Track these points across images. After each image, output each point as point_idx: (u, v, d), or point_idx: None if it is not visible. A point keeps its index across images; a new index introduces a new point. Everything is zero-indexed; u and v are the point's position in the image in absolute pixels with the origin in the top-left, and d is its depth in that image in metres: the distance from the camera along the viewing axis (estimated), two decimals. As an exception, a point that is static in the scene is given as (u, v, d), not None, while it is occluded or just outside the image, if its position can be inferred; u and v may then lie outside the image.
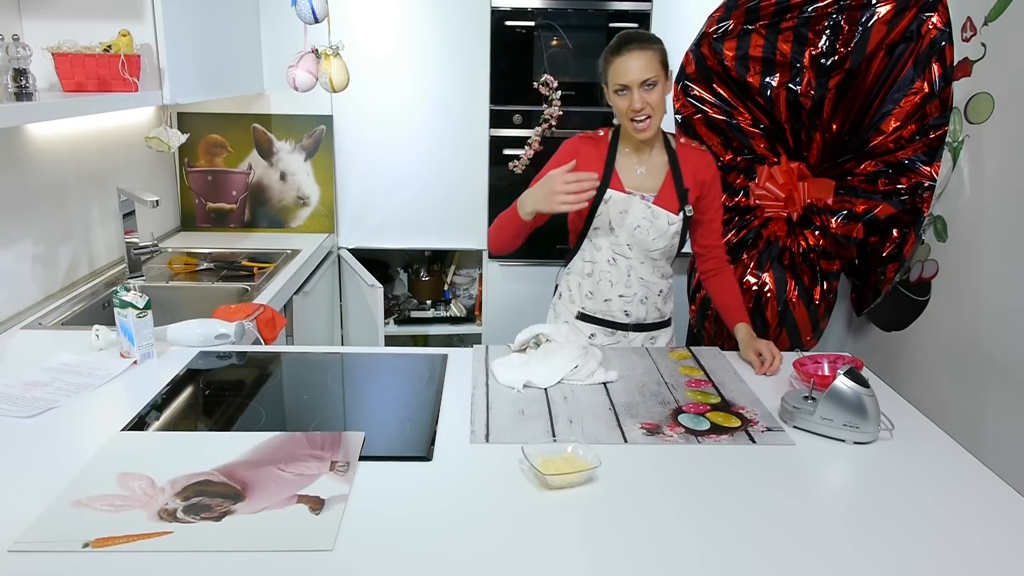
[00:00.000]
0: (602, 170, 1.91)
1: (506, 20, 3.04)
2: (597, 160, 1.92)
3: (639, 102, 1.79)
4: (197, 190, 3.13)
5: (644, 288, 1.98)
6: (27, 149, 2.08)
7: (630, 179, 1.93)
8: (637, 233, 1.91)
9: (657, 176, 1.93)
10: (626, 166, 1.93)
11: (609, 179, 1.91)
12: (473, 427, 1.45)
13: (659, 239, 1.92)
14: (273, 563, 1.05)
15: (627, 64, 1.77)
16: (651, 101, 1.79)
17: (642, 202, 1.91)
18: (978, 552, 1.12)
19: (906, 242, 2.64)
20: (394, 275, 3.64)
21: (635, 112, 1.80)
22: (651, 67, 1.78)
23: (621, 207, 1.91)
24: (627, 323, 2.01)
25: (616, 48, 1.80)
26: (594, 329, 2.03)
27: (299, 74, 2.21)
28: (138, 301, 1.68)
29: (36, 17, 2.11)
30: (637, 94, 1.78)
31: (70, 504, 1.17)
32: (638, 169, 1.93)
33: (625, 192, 1.91)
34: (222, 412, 1.51)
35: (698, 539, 1.13)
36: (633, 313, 2.00)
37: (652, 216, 1.90)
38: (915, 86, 2.48)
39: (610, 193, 1.91)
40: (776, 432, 1.46)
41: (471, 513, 1.18)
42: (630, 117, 1.82)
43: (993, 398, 2.36)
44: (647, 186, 1.93)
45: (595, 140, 1.96)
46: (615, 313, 2.00)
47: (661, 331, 2.06)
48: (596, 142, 1.95)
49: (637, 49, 1.77)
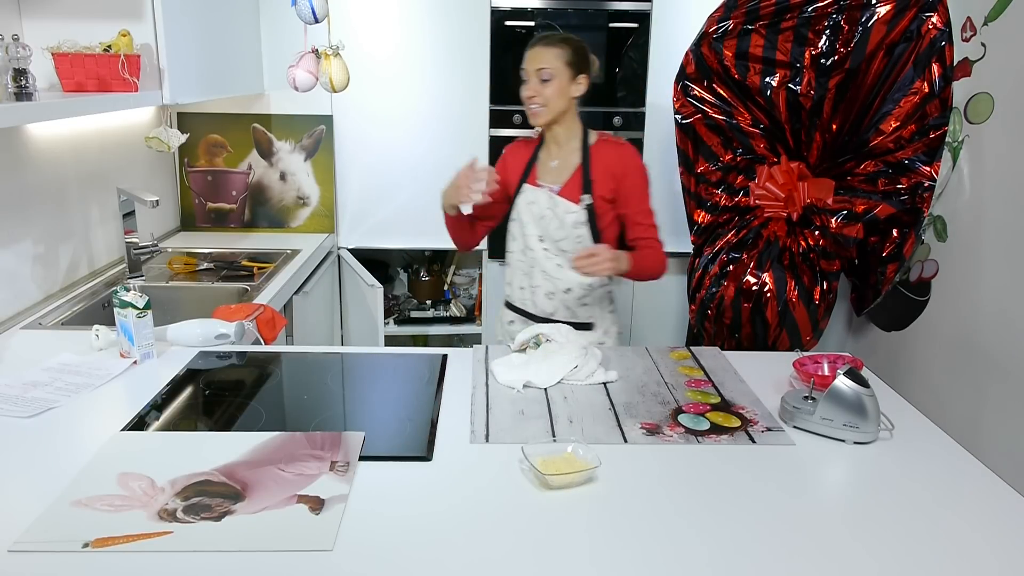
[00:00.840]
0: (524, 166, 2.06)
1: (506, 20, 3.04)
2: (522, 158, 2.08)
3: (531, 90, 1.93)
4: (197, 190, 3.13)
5: (549, 282, 2.02)
6: (27, 149, 2.08)
7: (544, 173, 2.05)
8: (543, 223, 2.01)
9: (567, 170, 2.02)
10: (543, 161, 2.06)
11: (527, 173, 2.05)
12: (473, 427, 1.45)
13: (561, 229, 1.99)
14: (273, 563, 1.05)
15: (530, 54, 1.94)
16: (544, 92, 1.92)
17: (547, 193, 2.01)
18: (978, 551, 1.12)
19: (906, 242, 2.63)
20: (394, 275, 3.64)
21: (527, 98, 1.95)
22: (548, 60, 1.91)
23: (530, 198, 2.03)
24: (535, 314, 2.07)
25: (531, 42, 1.97)
26: (513, 316, 2.14)
27: (299, 74, 2.21)
28: (138, 301, 1.68)
29: (36, 17, 2.11)
30: (532, 82, 1.93)
31: (70, 504, 1.17)
32: (552, 163, 2.04)
33: (536, 185, 2.04)
34: (222, 412, 1.51)
35: (698, 539, 1.13)
36: (538, 305, 2.06)
37: (553, 205, 1.99)
38: (915, 86, 2.48)
39: (524, 187, 2.04)
40: (776, 432, 1.46)
41: (471, 513, 1.18)
42: (525, 104, 1.97)
43: (993, 398, 2.36)
44: (556, 179, 2.03)
45: (528, 143, 2.11)
46: (526, 302, 2.10)
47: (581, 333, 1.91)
48: (528, 143, 2.11)
49: (542, 44, 1.94)
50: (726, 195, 2.79)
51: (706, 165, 2.78)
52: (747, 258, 2.73)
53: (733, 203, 2.79)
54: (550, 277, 2.02)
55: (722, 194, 2.79)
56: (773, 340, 2.73)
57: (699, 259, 2.84)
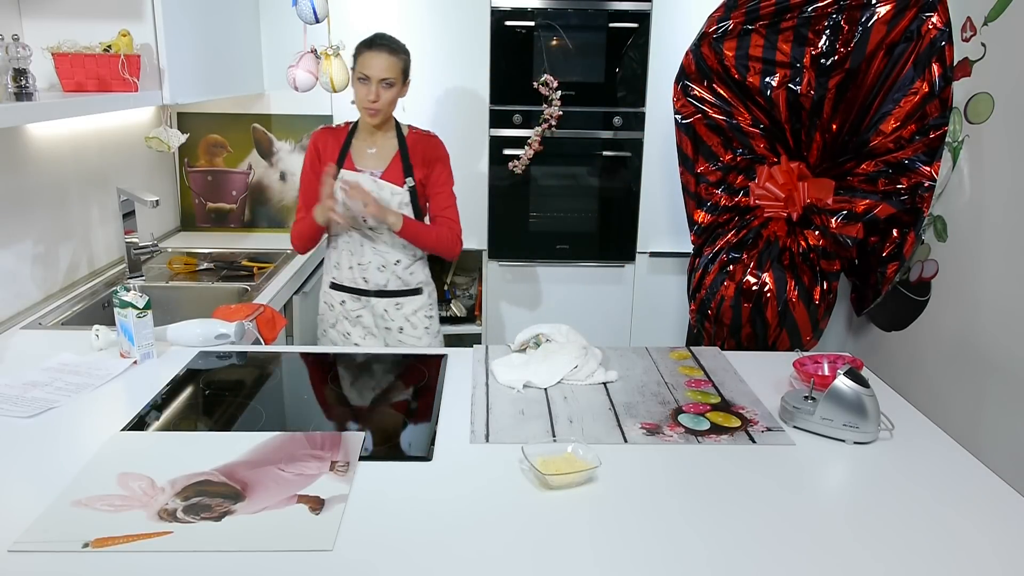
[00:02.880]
0: (338, 153, 2.18)
1: (506, 20, 3.04)
2: (335, 147, 2.20)
3: (374, 95, 2.07)
4: (197, 190, 3.13)
5: (379, 257, 2.20)
6: (27, 149, 2.08)
7: (361, 160, 2.19)
8: None
9: (386, 156, 2.19)
10: (359, 149, 2.20)
11: (343, 161, 2.18)
12: (473, 427, 1.45)
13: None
14: (273, 563, 1.05)
15: (374, 61, 2.05)
16: (385, 97, 2.08)
17: (370, 178, 2.15)
18: (978, 551, 1.12)
19: (906, 242, 2.63)
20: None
21: (370, 102, 2.07)
22: (392, 70, 2.08)
23: (351, 183, 2.12)
24: (368, 289, 2.24)
25: (369, 43, 2.09)
26: (343, 296, 2.27)
27: (299, 74, 2.21)
28: (138, 301, 1.68)
29: (36, 17, 2.11)
30: (376, 88, 2.06)
31: (70, 504, 1.17)
32: (369, 150, 2.19)
33: (355, 170, 2.17)
34: (222, 412, 1.51)
35: (698, 538, 1.13)
36: (371, 280, 2.22)
37: (378, 188, 2.14)
38: (915, 86, 2.48)
39: (342, 173, 2.15)
40: (776, 432, 1.46)
41: (471, 513, 1.18)
42: (365, 105, 2.09)
43: (993, 398, 2.36)
44: (376, 164, 2.18)
45: (335, 130, 2.24)
46: (356, 280, 2.24)
47: (407, 298, 2.27)
48: (335, 132, 2.23)
49: (387, 52, 2.07)
50: (726, 195, 2.78)
51: (706, 165, 2.78)
52: (747, 258, 2.73)
53: (733, 203, 2.79)
54: (380, 252, 2.20)
55: (722, 194, 2.79)
56: (773, 340, 2.73)
57: (699, 259, 2.84)
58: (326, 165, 2.14)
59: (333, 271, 2.28)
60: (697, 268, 2.84)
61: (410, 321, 2.28)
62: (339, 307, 2.29)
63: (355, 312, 2.27)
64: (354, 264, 2.22)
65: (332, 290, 2.30)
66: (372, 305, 2.26)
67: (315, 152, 2.21)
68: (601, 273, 3.32)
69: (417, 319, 2.29)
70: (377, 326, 2.28)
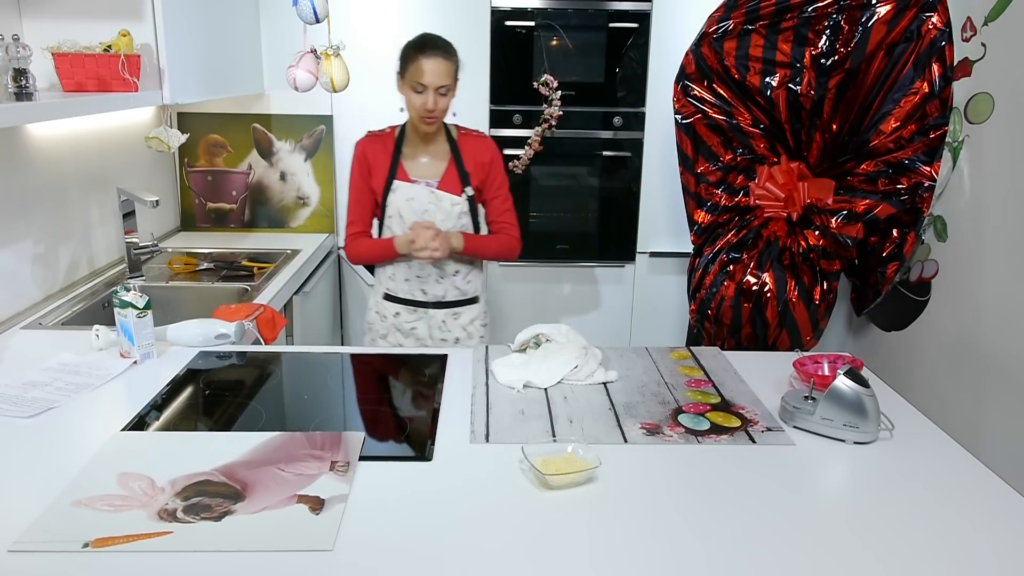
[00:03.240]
0: (389, 164, 2.10)
1: (506, 20, 3.04)
2: (384, 156, 2.11)
3: (432, 103, 1.97)
4: (197, 190, 3.13)
5: (438, 268, 2.15)
6: (27, 149, 2.08)
7: (415, 169, 2.11)
8: (426, 216, 2.08)
9: (440, 164, 2.12)
10: (411, 157, 2.12)
11: (395, 171, 2.10)
12: (473, 427, 1.45)
13: (446, 220, 2.10)
14: (273, 563, 1.05)
15: (430, 67, 1.95)
16: (441, 105, 2.00)
17: (426, 188, 2.09)
18: (978, 551, 1.12)
19: (906, 242, 2.63)
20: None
21: (428, 111, 1.98)
22: (449, 76, 1.99)
23: (407, 195, 2.09)
24: (426, 301, 2.19)
25: (420, 47, 1.98)
26: (398, 308, 2.21)
27: (299, 74, 2.21)
28: (138, 301, 1.68)
29: (36, 17, 2.11)
30: (432, 96, 1.97)
31: (70, 504, 1.17)
32: (422, 159, 2.12)
33: (410, 181, 2.10)
34: (222, 412, 1.51)
35: (698, 539, 1.13)
36: (430, 291, 2.17)
37: (436, 200, 2.08)
38: (915, 86, 2.48)
39: (396, 184, 2.09)
40: (776, 432, 1.46)
41: (471, 513, 1.18)
42: (422, 115, 1.99)
43: (993, 398, 2.36)
44: (430, 174, 2.11)
45: (382, 137, 2.14)
46: (414, 292, 2.18)
47: (465, 308, 2.22)
48: (383, 139, 2.14)
49: (442, 57, 1.98)
50: (726, 195, 2.78)
51: (706, 165, 2.78)
52: (747, 258, 2.73)
53: (733, 203, 2.79)
54: (439, 263, 2.13)
55: (722, 194, 2.79)
56: (773, 340, 2.74)
57: (699, 259, 2.84)
58: (377, 175, 2.08)
59: (388, 282, 2.20)
60: (697, 268, 2.84)
61: (467, 331, 2.23)
62: (392, 319, 2.22)
63: (410, 324, 2.20)
64: (411, 276, 2.16)
65: (386, 301, 2.22)
66: (430, 316, 2.20)
67: (364, 162, 2.12)
68: (601, 273, 3.32)
69: (473, 328, 2.24)
70: (432, 337, 2.21)
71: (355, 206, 2.16)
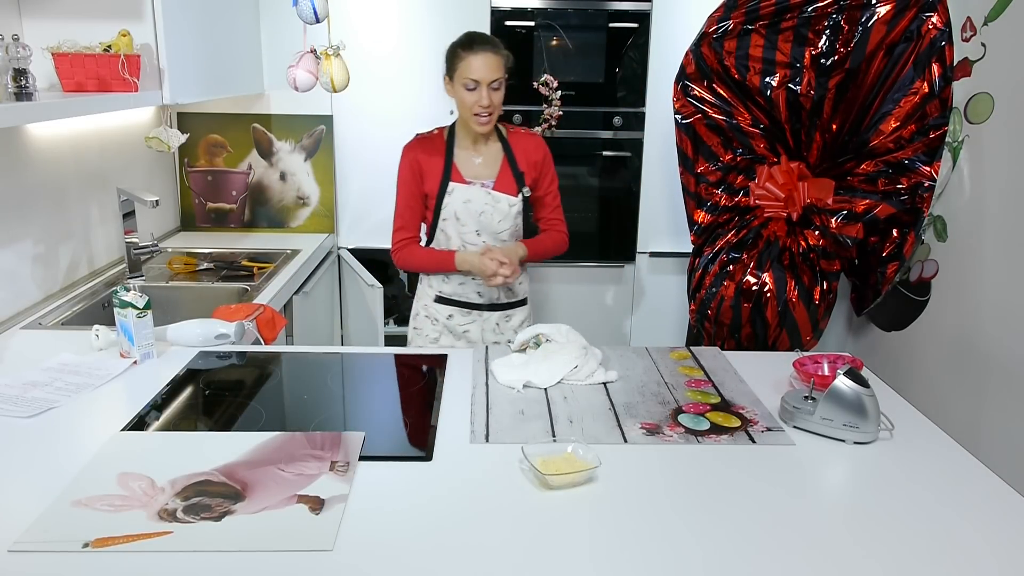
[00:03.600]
0: (442, 166, 2.06)
1: (506, 20, 3.04)
2: (436, 158, 2.07)
3: (487, 99, 1.94)
4: (197, 190, 3.13)
5: None
6: (27, 149, 2.08)
7: (469, 170, 2.08)
8: (483, 219, 2.06)
9: (493, 164, 2.09)
10: (464, 158, 2.08)
11: (450, 173, 2.06)
12: (473, 427, 1.45)
13: (503, 221, 2.08)
14: (273, 563, 1.05)
15: (481, 62, 1.93)
16: (495, 100, 1.97)
17: (482, 189, 2.06)
18: (978, 551, 1.12)
19: (906, 242, 2.63)
20: (394, 275, 3.63)
21: (482, 108, 1.95)
22: (500, 69, 1.96)
23: (464, 197, 2.05)
24: (481, 303, 2.17)
25: (468, 44, 1.96)
26: (451, 310, 2.19)
27: (299, 74, 2.20)
28: (138, 301, 1.68)
29: (36, 17, 2.11)
30: (485, 92, 1.94)
31: (70, 504, 1.17)
32: (475, 160, 2.08)
33: (465, 182, 2.06)
34: (222, 412, 1.51)
35: (698, 539, 1.13)
36: (485, 294, 2.15)
37: (493, 201, 2.05)
38: (915, 86, 2.48)
39: (452, 186, 2.05)
40: (776, 432, 1.46)
41: (471, 513, 1.18)
42: (475, 112, 1.96)
43: (993, 398, 2.36)
44: (485, 174, 2.08)
45: (431, 139, 2.11)
46: (469, 295, 2.16)
47: (515, 310, 2.21)
48: (432, 141, 2.10)
49: (491, 51, 1.95)
50: (726, 195, 2.78)
51: (706, 165, 2.78)
52: (747, 258, 2.72)
53: (733, 203, 2.79)
54: None
55: (722, 194, 2.79)
56: (773, 340, 2.73)
57: (699, 259, 2.84)
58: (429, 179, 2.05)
59: (441, 285, 2.17)
60: (697, 268, 2.84)
61: (517, 332, 2.11)
62: (444, 321, 2.19)
63: (462, 327, 2.18)
64: (466, 279, 2.13)
65: (438, 304, 2.19)
66: (484, 319, 2.18)
67: (416, 167, 2.07)
68: (601, 273, 3.32)
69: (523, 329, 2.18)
70: (484, 340, 2.19)
71: (405, 211, 2.11)
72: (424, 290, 2.23)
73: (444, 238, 2.11)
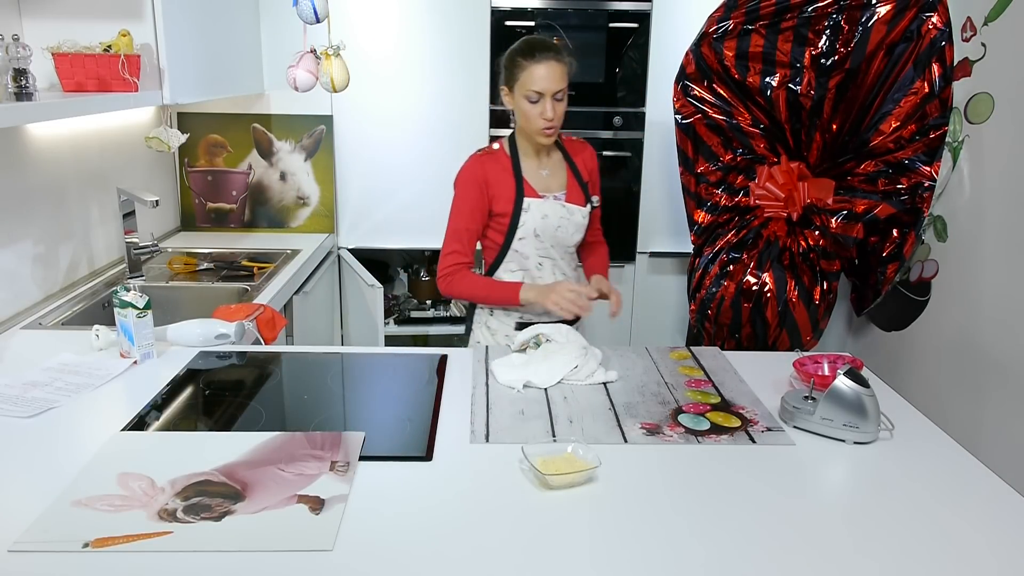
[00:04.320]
0: (513, 183, 1.94)
1: (506, 20, 3.04)
2: (505, 174, 1.95)
3: (551, 111, 1.83)
4: (197, 190, 3.13)
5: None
6: (27, 149, 2.08)
7: (539, 183, 1.97)
8: (559, 232, 1.97)
9: (559, 175, 2.01)
10: (531, 171, 1.97)
11: (522, 188, 1.94)
12: (473, 427, 1.45)
13: (576, 233, 2.01)
14: (273, 563, 1.05)
15: (544, 72, 1.80)
16: (559, 111, 1.86)
17: (556, 202, 1.97)
18: (978, 551, 1.12)
19: (906, 242, 2.63)
20: (394, 275, 3.63)
21: (547, 121, 1.84)
22: (564, 79, 1.83)
23: (541, 212, 1.95)
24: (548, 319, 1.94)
25: (530, 52, 1.82)
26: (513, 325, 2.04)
27: (299, 74, 2.21)
28: (138, 301, 1.68)
29: (36, 17, 2.11)
30: (550, 104, 1.83)
31: (70, 504, 1.17)
32: (543, 172, 1.98)
33: (539, 196, 1.96)
34: (222, 412, 1.51)
35: (698, 539, 1.13)
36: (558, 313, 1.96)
37: (568, 213, 1.98)
38: (915, 86, 2.48)
39: (528, 202, 1.94)
40: (776, 432, 1.46)
41: (471, 513, 1.18)
42: (541, 126, 1.86)
43: (993, 398, 2.36)
44: (555, 186, 1.99)
45: (494, 156, 1.98)
46: (541, 316, 1.97)
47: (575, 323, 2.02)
48: (496, 157, 1.98)
49: (554, 59, 1.81)
50: (726, 195, 2.79)
51: (706, 165, 2.78)
52: (747, 258, 2.73)
53: (733, 203, 2.79)
54: (569, 278, 2.04)
55: (722, 194, 2.79)
56: (773, 340, 2.73)
57: (699, 259, 2.84)
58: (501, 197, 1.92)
59: (520, 310, 1.99)
60: (697, 268, 2.84)
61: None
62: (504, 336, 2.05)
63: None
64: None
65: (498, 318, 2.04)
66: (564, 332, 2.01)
67: (484, 186, 1.92)
68: (601, 273, 3.31)
69: None
70: None
71: (464, 234, 1.94)
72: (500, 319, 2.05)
73: (519, 258, 1.98)
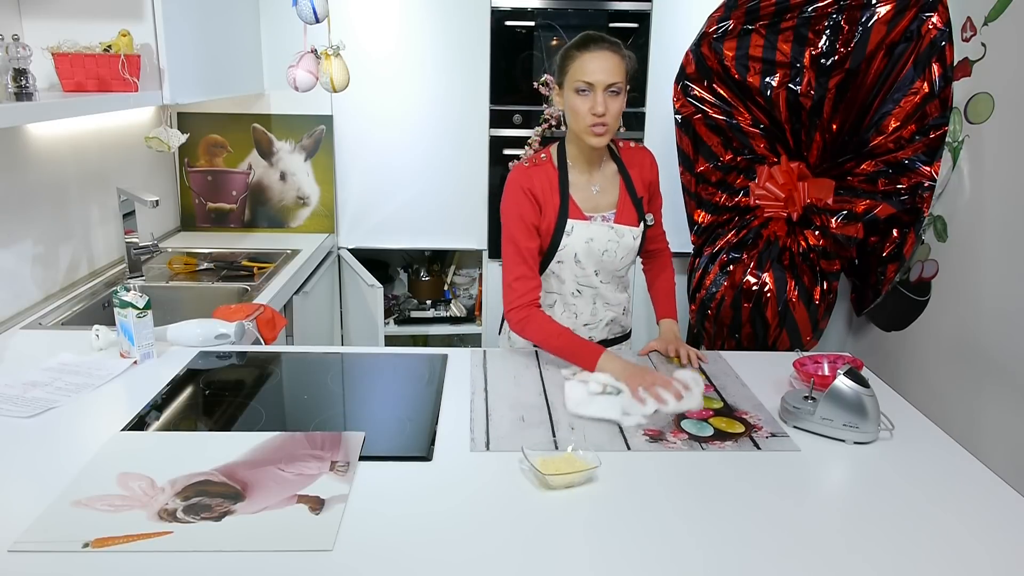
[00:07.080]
0: (558, 200, 1.76)
1: (506, 20, 3.04)
2: (551, 190, 1.76)
3: (602, 105, 1.63)
4: (197, 190, 3.13)
5: (609, 311, 1.89)
6: (27, 149, 2.08)
7: (587, 201, 1.79)
8: (605, 257, 1.80)
9: (611, 191, 1.82)
10: (580, 187, 1.79)
11: (567, 208, 1.76)
12: (473, 435, 1.43)
13: (626, 257, 1.84)
14: (273, 563, 1.05)
15: (596, 63, 1.63)
16: (613, 109, 1.66)
17: (604, 224, 1.79)
18: (978, 552, 1.12)
19: (906, 242, 2.63)
20: (394, 275, 3.63)
21: (597, 116, 1.64)
22: (619, 72, 1.65)
23: (586, 236, 1.78)
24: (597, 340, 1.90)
25: (583, 44, 1.66)
26: None
27: (299, 74, 2.20)
28: (138, 301, 1.68)
29: (36, 17, 2.10)
30: (600, 97, 1.63)
31: (70, 504, 1.17)
32: (593, 188, 1.80)
33: (586, 218, 1.78)
34: (222, 412, 1.51)
35: (698, 541, 1.13)
36: (597, 337, 1.91)
37: (617, 236, 1.80)
38: (915, 86, 2.48)
39: (571, 224, 1.76)
40: (781, 438, 1.45)
41: (471, 513, 1.18)
42: (590, 122, 1.66)
43: (993, 398, 2.36)
44: (605, 204, 1.81)
45: (541, 167, 1.78)
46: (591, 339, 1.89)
47: (618, 346, 1.97)
48: (543, 169, 1.78)
49: (608, 50, 1.64)
50: (726, 195, 2.79)
51: (706, 165, 2.78)
52: (747, 258, 2.72)
53: (733, 203, 2.79)
54: (611, 305, 1.89)
55: (722, 194, 2.79)
56: (773, 340, 2.73)
57: (699, 259, 2.84)
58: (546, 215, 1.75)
59: None
60: (697, 268, 2.84)
61: None
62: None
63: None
64: (579, 326, 1.88)
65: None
66: None
67: (534, 201, 1.74)
68: (601, 273, 3.31)
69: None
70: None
71: (526, 253, 1.74)
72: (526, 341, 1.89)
73: (556, 281, 1.84)
